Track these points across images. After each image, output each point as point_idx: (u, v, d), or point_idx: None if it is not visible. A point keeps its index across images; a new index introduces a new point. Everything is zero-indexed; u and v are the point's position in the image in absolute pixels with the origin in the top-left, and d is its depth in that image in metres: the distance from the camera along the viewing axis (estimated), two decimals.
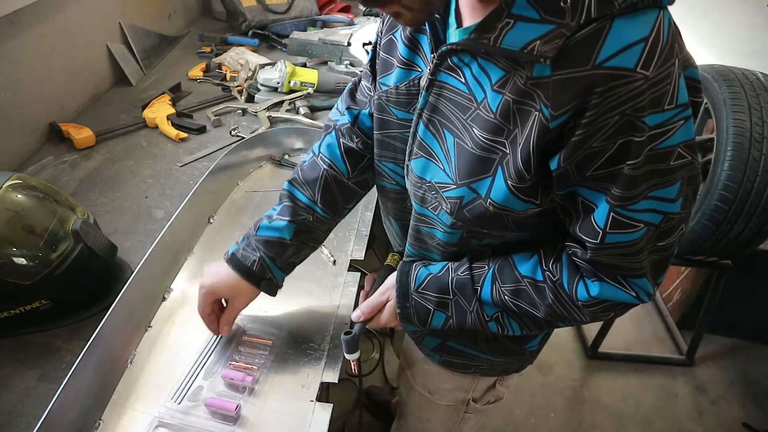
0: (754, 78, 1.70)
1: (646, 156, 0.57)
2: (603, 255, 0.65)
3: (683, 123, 0.57)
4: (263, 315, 0.98)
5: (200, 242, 1.13)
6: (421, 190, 0.76)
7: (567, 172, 0.60)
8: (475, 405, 1.04)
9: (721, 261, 1.97)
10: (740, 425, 2.09)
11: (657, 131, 0.56)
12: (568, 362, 2.29)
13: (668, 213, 0.62)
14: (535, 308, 0.72)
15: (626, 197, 0.60)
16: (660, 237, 0.64)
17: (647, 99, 0.54)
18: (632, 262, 0.65)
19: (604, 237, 0.63)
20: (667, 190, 0.60)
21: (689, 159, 0.60)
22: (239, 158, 1.32)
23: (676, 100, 0.56)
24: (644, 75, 0.53)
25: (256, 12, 2.08)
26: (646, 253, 0.64)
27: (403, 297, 0.80)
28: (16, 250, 0.86)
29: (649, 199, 0.60)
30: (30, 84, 1.34)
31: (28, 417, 0.79)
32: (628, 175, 0.58)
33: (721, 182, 1.62)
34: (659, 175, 0.59)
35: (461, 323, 0.78)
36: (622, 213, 0.61)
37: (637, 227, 0.62)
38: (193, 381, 0.86)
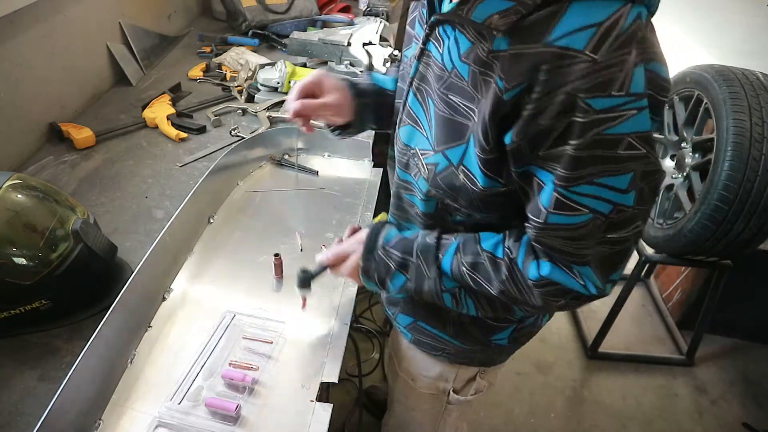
0: (754, 78, 1.70)
1: (591, 139, 0.58)
2: (546, 236, 0.66)
3: (636, 113, 0.57)
4: (263, 315, 0.98)
5: (200, 242, 1.13)
6: (405, 157, 0.80)
7: (519, 148, 0.62)
8: (457, 396, 1.05)
9: (721, 261, 1.97)
10: (740, 425, 2.09)
11: (603, 116, 0.56)
12: (568, 362, 2.29)
13: (618, 204, 0.62)
14: (489, 284, 0.73)
15: (569, 178, 0.60)
16: (610, 228, 0.64)
17: (593, 82, 0.55)
18: (575, 248, 0.65)
19: (547, 217, 0.64)
20: (616, 179, 0.61)
21: (643, 152, 0.60)
22: (239, 158, 1.32)
23: (627, 88, 0.56)
24: (592, 58, 0.54)
25: (256, 12, 2.08)
26: (593, 242, 0.65)
27: (368, 250, 0.81)
28: (16, 250, 0.86)
29: (596, 185, 0.61)
30: (30, 84, 1.34)
31: (28, 417, 0.79)
32: (572, 156, 0.59)
33: (721, 182, 1.62)
34: (607, 161, 0.59)
35: (418, 288, 0.79)
36: (564, 194, 0.62)
37: (581, 211, 0.62)
38: (193, 381, 0.86)
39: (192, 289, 1.03)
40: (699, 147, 1.88)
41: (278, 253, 1.05)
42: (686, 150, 1.95)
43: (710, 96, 1.76)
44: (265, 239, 1.15)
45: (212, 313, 0.97)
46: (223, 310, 0.98)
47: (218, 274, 1.07)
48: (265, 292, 1.04)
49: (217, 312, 0.98)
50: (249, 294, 1.03)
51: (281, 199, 1.29)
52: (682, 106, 1.98)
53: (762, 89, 1.66)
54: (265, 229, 1.19)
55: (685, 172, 1.91)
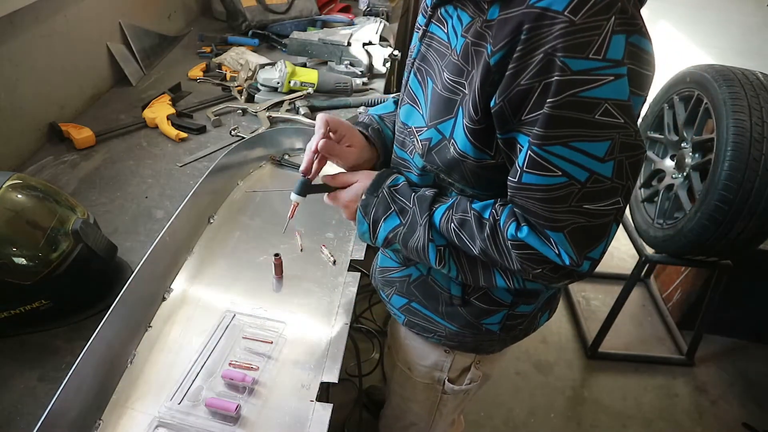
0: (754, 78, 1.70)
1: (566, 100, 0.59)
2: (520, 196, 0.68)
3: (613, 79, 0.59)
4: (263, 315, 0.98)
5: (200, 242, 1.13)
6: (402, 135, 0.83)
7: (503, 110, 0.64)
8: (452, 386, 1.06)
9: (721, 261, 1.97)
10: (740, 425, 2.09)
11: (580, 77, 0.58)
12: (568, 362, 2.29)
13: (596, 173, 0.63)
14: (472, 241, 0.74)
15: (543, 136, 0.62)
16: (587, 198, 0.65)
17: (571, 42, 0.57)
18: (547, 210, 0.66)
19: (521, 176, 0.66)
20: (592, 145, 0.62)
21: (621, 121, 0.61)
22: (239, 158, 1.32)
23: (604, 52, 0.58)
24: (570, 19, 0.57)
25: (256, 12, 2.08)
26: (566, 208, 0.65)
27: (374, 186, 0.82)
28: (16, 250, 0.86)
29: (571, 149, 0.62)
30: (30, 84, 1.34)
31: (28, 417, 0.79)
32: (548, 114, 0.60)
33: (721, 182, 1.62)
34: (582, 125, 0.61)
35: (408, 236, 0.80)
36: (537, 152, 0.63)
37: (554, 172, 0.63)
38: (193, 381, 0.86)
39: (192, 289, 1.03)
40: (699, 147, 1.88)
41: (278, 253, 1.05)
42: (686, 150, 1.95)
43: (710, 96, 1.76)
44: (265, 239, 1.15)
45: (212, 313, 0.97)
46: (223, 310, 0.98)
47: (218, 274, 1.07)
48: (265, 292, 1.04)
49: (217, 312, 0.98)
50: (249, 294, 1.03)
51: (281, 199, 1.29)
52: (682, 106, 1.98)
53: (762, 89, 1.66)
54: (265, 229, 1.19)
55: (685, 172, 1.91)
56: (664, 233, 1.89)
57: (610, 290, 2.61)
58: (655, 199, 2.06)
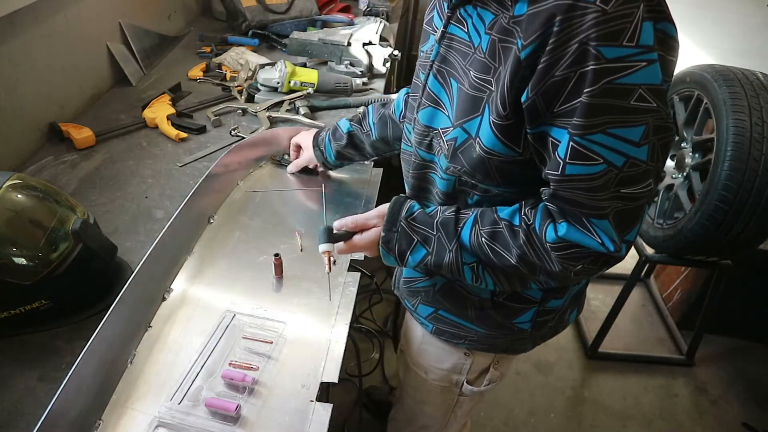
0: (754, 78, 1.70)
1: (603, 88, 0.60)
2: (564, 188, 0.68)
3: (646, 65, 0.60)
4: (263, 315, 0.98)
5: (200, 242, 1.13)
6: (427, 138, 0.83)
7: (535, 104, 0.64)
8: (470, 387, 1.05)
9: (721, 261, 1.97)
10: (740, 425, 2.09)
11: (615, 65, 0.59)
12: (568, 362, 2.29)
13: (632, 157, 0.64)
14: (508, 252, 0.74)
15: (583, 126, 0.62)
16: (624, 182, 0.65)
17: (604, 31, 0.58)
18: (592, 199, 0.67)
19: (565, 168, 0.66)
20: (628, 130, 0.63)
21: (655, 105, 0.62)
22: (239, 158, 1.32)
23: (637, 39, 0.59)
24: (602, 8, 0.58)
25: (256, 12, 2.08)
26: (608, 195, 0.66)
27: (391, 222, 0.82)
28: (16, 250, 0.86)
29: (609, 135, 0.63)
30: (30, 84, 1.34)
31: (28, 417, 0.79)
32: (586, 103, 0.61)
33: (721, 182, 1.62)
34: (619, 111, 0.61)
35: (438, 262, 0.80)
36: (579, 142, 0.63)
37: (596, 160, 0.64)
38: (193, 381, 0.86)
39: (192, 289, 1.03)
40: (699, 147, 1.89)
41: (278, 253, 1.05)
42: (686, 150, 1.95)
43: (710, 96, 1.76)
44: (265, 239, 1.15)
45: (212, 313, 0.97)
46: (223, 310, 0.98)
47: (218, 274, 1.07)
48: (265, 292, 1.04)
49: (217, 312, 0.98)
50: (249, 294, 1.03)
51: (281, 199, 1.29)
52: (682, 106, 1.98)
53: (762, 89, 1.66)
54: (265, 229, 1.19)
55: (685, 172, 1.91)
56: (664, 233, 1.89)
57: (610, 290, 2.61)
58: (655, 199, 2.06)
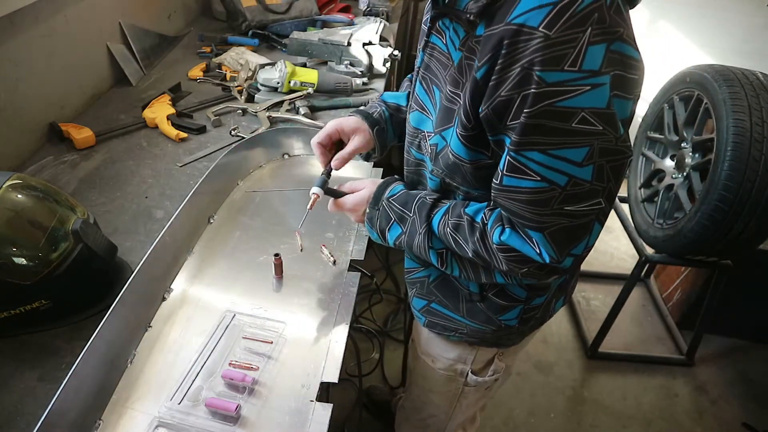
0: (754, 78, 1.70)
1: (542, 110, 0.62)
2: (501, 197, 0.72)
3: (590, 89, 0.61)
4: (263, 315, 0.98)
5: (200, 242, 1.13)
6: (417, 139, 0.88)
7: (489, 117, 0.67)
8: (476, 378, 1.08)
9: (721, 261, 1.97)
10: (740, 425, 2.09)
11: (555, 89, 0.61)
12: (568, 362, 2.29)
13: (574, 177, 0.66)
14: (466, 245, 0.78)
15: (519, 143, 0.65)
16: (568, 200, 0.68)
17: (547, 56, 0.59)
18: (532, 213, 0.70)
19: (502, 178, 0.70)
20: (571, 151, 0.64)
21: (600, 128, 0.63)
22: (239, 158, 1.33)
23: (580, 64, 0.60)
24: (545, 34, 0.59)
25: (256, 12, 2.08)
26: (550, 211, 0.69)
27: (375, 200, 0.89)
28: (16, 250, 0.86)
29: (549, 155, 0.65)
30: (30, 84, 1.34)
31: (28, 417, 0.79)
32: (523, 123, 0.63)
33: (721, 182, 1.62)
34: (560, 134, 0.63)
35: (410, 242, 0.86)
36: (515, 157, 0.67)
37: (531, 176, 0.66)
38: (193, 381, 0.86)
39: (192, 289, 1.03)
40: (699, 147, 1.88)
41: (278, 253, 1.05)
42: (686, 150, 1.95)
43: (710, 96, 1.76)
44: (265, 239, 1.15)
45: (212, 313, 0.97)
46: (223, 310, 0.98)
47: (218, 274, 1.07)
48: (265, 292, 1.04)
49: (217, 312, 0.98)
50: (249, 294, 1.03)
51: (281, 199, 1.29)
52: (682, 106, 1.98)
53: (762, 89, 1.66)
54: (265, 229, 1.19)
55: (685, 172, 1.91)
56: (664, 233, 1.89)
57: (610, 290, 2.61)
58: (655, 199, 2.06)
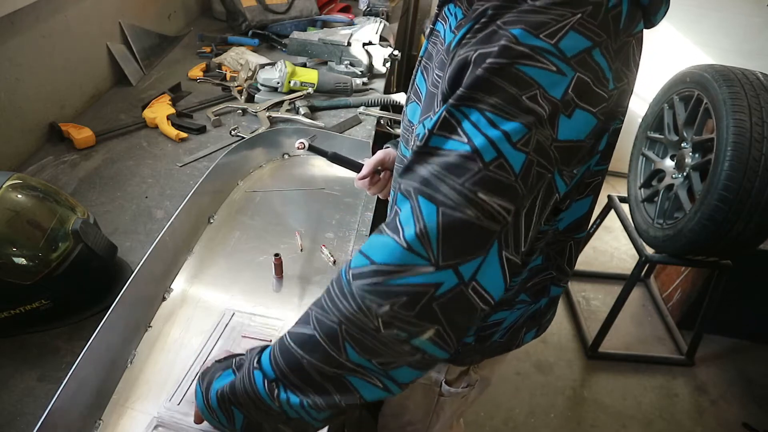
0: (754, 78, 1.70)
1: (501, 66, 0.53)
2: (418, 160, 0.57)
3: (555, 71, 0.54)
4: (262, 313, 0.98)
5: (200, 242, 1.13)
6: (408, 133, 0.83)
7: (445, 86, 0.60)
8: (449, 388, 1.04)
9: (721, 261, 1.97)
10: (740, 425, 2.09)
11: (523, 50, 0.53)
12: (568, 362, 2.29)
13: (504, 156, 0.53)
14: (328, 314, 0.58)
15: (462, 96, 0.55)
16: (484, 183, 0.53)
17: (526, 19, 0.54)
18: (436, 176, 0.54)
19: (429, 139, 0.56)
20: (509, 123, 0.53)
21: (543, 116, 0.54)
22: (239, 158, 1.33)
23: (557, 40, 0.54)
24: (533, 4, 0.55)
25: (256, 12, 2.08)
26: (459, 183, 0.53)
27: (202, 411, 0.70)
28: (16, 250, 0.86)
29: (485, 118, 0.54)
30: (30, 84, 1.34)
31: (28, 417, 0.79)
32: (475, 76, 0.54)
33: (721, 182, 1.62)
34: (508, 100, 0.54)
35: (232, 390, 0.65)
36: (452, 112, 0.55)
37: (461, 137, 0.54)
38: (192, 381, 0.86)
39: (192, 289, 1.03)
40: (699, 147, 1.89)
41: (278, 253, 1.05)
42: (686, 150, 1.95)
43: (710, 96, 1.76)
44: (265, 239, 1.15)
45: (212, 313, 0.97)
46: (222, 309, 0.98)
47: (218, 274, 1.07)
48: (265, 292, 1.04)
49: (217, 312, 0.98)
50: (249, 294, 1.03)
51: (281, 199, 1.29)
52: (682, 106, 1.98)
53: (762, 89, 1.66)
54: (265, 229, 1.19)
55: (685, 172, 1.91)
56: (664, 233, 1.89)
57: (610, 290, 2.61)
58: (655, 199, 2.06)
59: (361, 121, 1.60)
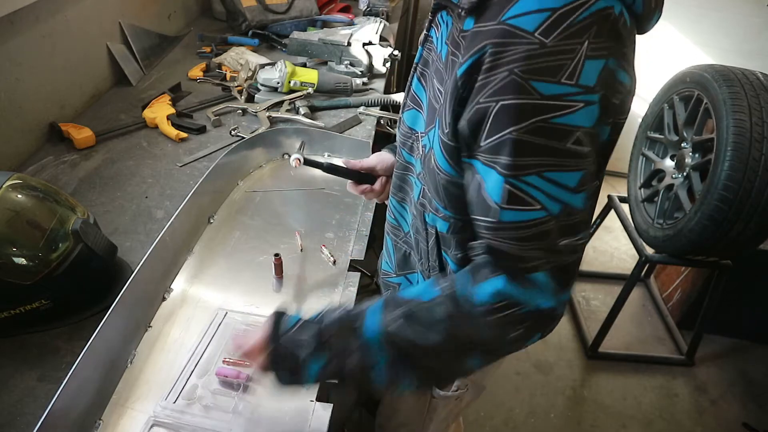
0: (754, 78, 1.70)
1: (537, 126, 0.56)
2: (498, 237, 0.62)
3: (584, 106, 0.56)
4: (256, 312, 0.98)
5: (200, 242, 1.13)
6: (410, 140, 0.81)
7: (464, 130, 0.62)
8: (440, 391, 1.04)
9: (721, 261, 1.97)
10: (740, 425, 2.09)
11: (552, 102, 0.55)
12: (568, 362, 2.29)
13: (569, 204, 0.59)
14: (431, 330, 0.65)
15: (515, 165, 0.57)
16: (562, 233, 0.60)
17: (541, 65, 0.54)
18: (527, 250, 0.61)
19: (500, 214, 0.60)
20: (565, 175, 0.58)
21: (589, 150, 0.58)
22: (239, 158, 1.33)
23: (577, 78, 0.55)
24: (540, 41, 0.54)
25: (256, 12, 2.08)
26: (545, 245, 0.60)
27: (272, 340, 0.72)
28: (16, 250, 0.86)
29: (544, 179, 0.58)
30: (30, 84, 1.34)
31: (28, 417, 0.79)
32: (515, 140, 0.56)
33: (721, 182, 1.62)
34: (555, 154, 0.57)
35: (340, 369, 0.68)
36: (514, 184, 0.58)
37: (534, 206, 0.59)
38: (188, 379, 0.86)
39: (192, 289, 1.03)
40: (699, 147, 1.88)
41: (278, 253, 1.05)
42: (686, 150, 1.95)
43: (710, 96, 1.76)
44: (265, 239, 1.15)
45: (212, 313, 0.97)
46: (217, 308, 0.98)
47: (218, 274, 1.07)
48: (266, 292, 1.04)
49: (217, 312, 0.98)
50: (249, 294, 1.03)
51: (281, 199, 1.29)
52: (682, 106, 1.98)
53: (762, 89, 1.66)
54: (265, 229, 1.19)
55: (685, 172, 1.91)
56: (664, 233, 1.89)
57: (610, 290, 2.61)
58: (655, 199, 2.06)
59: (361, 121, 1.60)
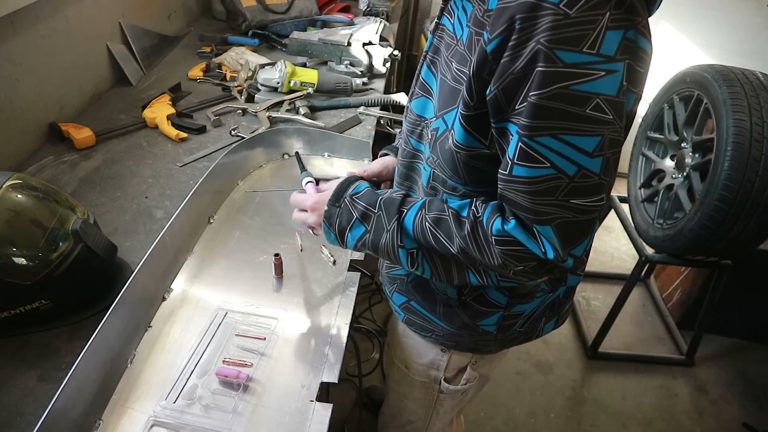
0: (754, 78, 1.70)
1: (557, 92, 0.60)
2: (509, 189, 0.68)
3: (605, 75, 0.60)
4: (256, 312, 0.98)
5: (200, 242, 1.13)
6: (419, 128, 0.84)
7: (497, 98, 0.65)
8: (448, 385, 1.06)
9: (721, 261, 1.97)
10: (740, 425, 2.09)
11: (573, 70, 0.59)
12: (568, 362, 2.29)
13: (584, 167, 0.63)
14: (450, 241, 0.74)
15: (531, 127, 0.62)
16: (574, 193, 0.65)
17: (565, 35, 0.58)
18: (536, 204, 0.66)
19: (512, 168, 0.66)
20: (582, 139, 0.62)
21: (611, 118, 0.62)
22: (239, 158, 1.33)
23: (598, 47, 0.59)
24: (565, 12, 0.57)
25: (256, 12, 2.08)
26: (554, 201, 0.66)
27: (336, 197, 0.84)
28: (16, 250, 0.86)
29: (561, 141, 0.62)
30: (30, 84, 1.34)
31: (28, 417, 0.79)
32: (534, 104, 0.61)
33: (721, 182, 1.62)
34: (573, 118, 0.61)
35: (375, 242, 0.80)
36: (528, 143, 0.63)
37: (542, 163, 0.63)
38: (188, 379, 0.86)
39: (192, 289, 1.03)
40: (699, 147, 1.88)
41: (278, 253, 1.05)
42: (686, 150, 1.95)
43: (710, 96, 1.76)
44: (265, 239, 1.15)
45: (212, 313, 0.97)
46: (217, 308, 0.98)
47: (218, 274, 1.07)
48: (266, 292, 1.04)
49: (217, 312, 0.98)
50: (249, 294, 1.03)
51: (281, 199, 1.29)
52: (682, 106, 1.98)
53: (762, 89, 1.66)
54: (265, 229, 1.19)
55: (685, 172, 1.91)
56: (664, 233, 1.89)
57: (610, 290, 2.61)
58: (655, 199, 2.06)
59: (361, 121, 1.60)
